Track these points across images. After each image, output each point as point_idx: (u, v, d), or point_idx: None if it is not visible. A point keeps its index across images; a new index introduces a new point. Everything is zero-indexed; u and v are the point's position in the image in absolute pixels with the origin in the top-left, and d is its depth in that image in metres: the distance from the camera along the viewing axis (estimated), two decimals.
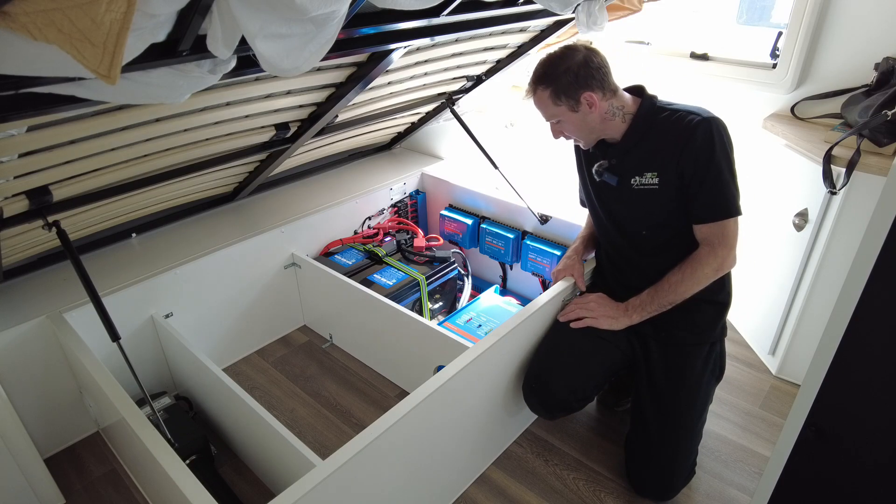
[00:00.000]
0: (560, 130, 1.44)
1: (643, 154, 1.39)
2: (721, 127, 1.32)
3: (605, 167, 1.46)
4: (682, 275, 1.39)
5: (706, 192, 1.33)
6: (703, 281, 1.39)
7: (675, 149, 1.33)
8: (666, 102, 1.41)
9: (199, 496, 1.06)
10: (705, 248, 1.38)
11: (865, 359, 0.77)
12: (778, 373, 1.93)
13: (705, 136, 1.30)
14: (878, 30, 1.71)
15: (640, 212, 1.44)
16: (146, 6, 0.69)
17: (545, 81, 1.36)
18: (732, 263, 1.40)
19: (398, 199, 2.52)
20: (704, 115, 1.32)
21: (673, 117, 1.36)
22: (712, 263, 1.38)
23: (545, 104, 1.39)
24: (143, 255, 1.86)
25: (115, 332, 1.31)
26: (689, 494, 1.52)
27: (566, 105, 1.36)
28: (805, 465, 0.87)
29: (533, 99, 1.41)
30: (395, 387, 1.94)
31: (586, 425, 1.76)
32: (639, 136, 1.39)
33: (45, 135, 1.15)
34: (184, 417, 1.63)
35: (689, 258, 1.40)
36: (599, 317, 1.51)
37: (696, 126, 1.31)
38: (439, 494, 1.49)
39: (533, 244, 2.14)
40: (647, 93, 1.43)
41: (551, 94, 1.36)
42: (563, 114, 1.38)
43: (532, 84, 1.40)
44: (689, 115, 1.34)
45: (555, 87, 1.35)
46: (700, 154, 1.31)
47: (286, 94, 1.57)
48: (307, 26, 0.88)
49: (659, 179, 1.38)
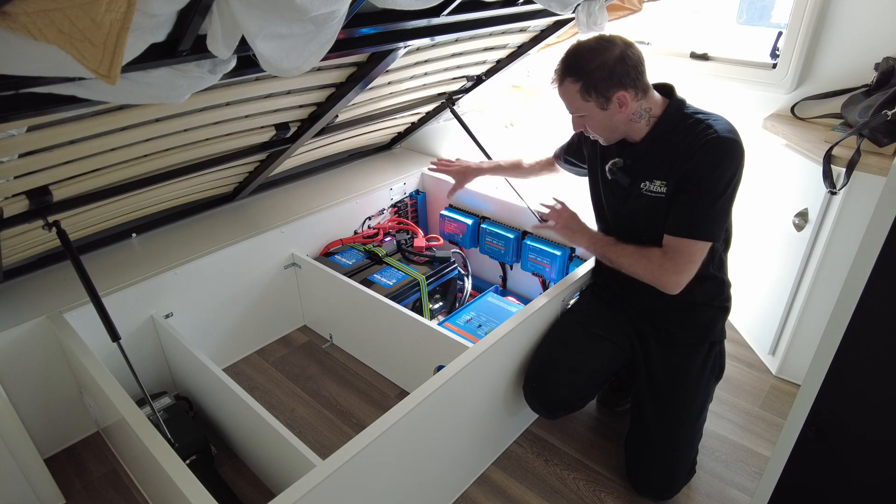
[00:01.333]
0: (583, 125, 1.35)
1: (657, 160, 1.34)
2: (735, 150, 1.24)
3: (619, 166, 1.40)
4: (632, 253, 1.38)
5: (683, 204, 1.29)
6: (638, 273, 1.36)
7: (683, 160, 1.28)
8: (693, 109, 1.33)
9: (199, 496, 1.06)
10: (659, 251, 1.34)
11: (865, 358, 0.77)
12: (778, 373, 1.93)
13: (713, 154, 1.24)
14: (878, 30, 1.71)
15: (644, 217, 1.39)
16: (146, 6, 0.69)
17: (576, 73, 1.26)
18: (671, 286, 1.31)
19: (398, 199, 2.52)
20: (722, 134, 1.24)
21: (694, 128, 1.28)
22: (653, 268, 1.33)
23: (572, 98, 1.30)
24: (143, 255, 1.86)
25: (115, 332, 1.31)
26: (689, 494, 1.52)
27: (595, 102, 1.27)
28: (805, 465, 0.87)
29: (558, 89, 1.32)
30: (395, 387, 1.94)
31: (586, 425, 1.76)
32: (658, 141, 1.33)
33: (45, 135, 1.15)
34: (184, 417, 1.63)
35: (647, 248, 1.36)
36: (560, 228, 1.56)
37: (709, 142, 1.24)
38: (439, 494, 1.49)
39: (533, 244, 2.14)
40: (675, 95, 1.35)
41: (581, 89, 1.27)
42: (591, 110, 1.29)
43: (560, 73, 1.29)
44: (708, 129, 1.26)
45: (586, 82, 1.25)
46: (698, 168, 1.25)
47: (286, 94, 1.57)
48: (307, 26, 0.88)
49: (667, 189, 1.32)
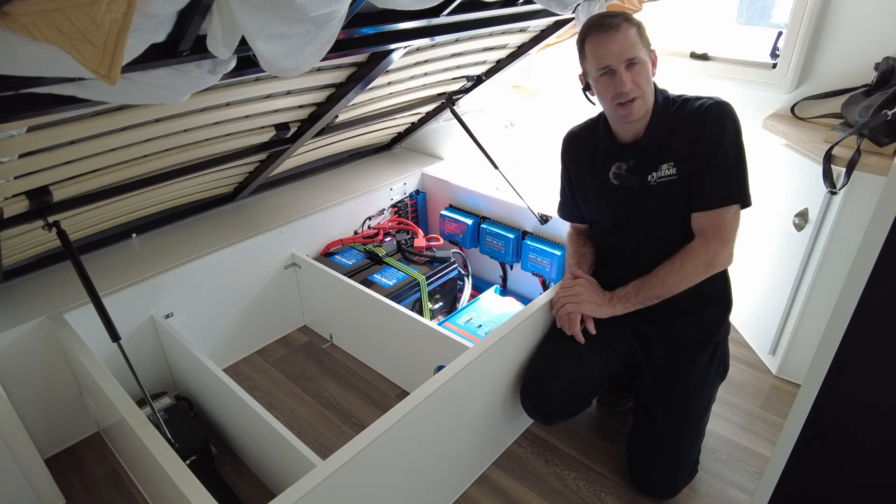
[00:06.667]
0: (632, 79, 1.28)
1: (659, 148, 1.37)
2: (731, 111, 1.30)
3: (624, 169, 1.41)
4: (672, 267, 1.34)
5: (709, 177, 1.29)
6: (692, 275, 1.33)
7: (691, 135, 1.31)
8: (675, 95, 1.40)
9: (200, 496, 1.06)
10: (698, 240, 1.33)
11: (865, 358, 0.77)
12: (778, 373, 1.93)
13: (716, 119, 1.29)
14: (878, 30, 1.71)
15: (657, 206, 1.38)
16: (146, 6, 0.69)
17: (630, 19, 1.28)
18: (727, 261, 1.33)
19: (398, 200, 2.52)
20: (715, 100, 1.31)
21: (685, 107, 1.34)
22: (703, 257, 1.31)
23: (632, 41, 1.26)
24: (143, 255, 1.86)
25: (116, 332, 1.31)
26: (689, 494, 1.52)
27: (647, 50, 1.30)
28: (805, 465, 0.87)
29: (615, 34, 1.25)
30: (395, 387, 1.94)
31: (586, 425, 1.76)
32: (657, 131, 1.36)
33: (45, 135, 1.15)
34: (184, 418, 1.63)
35: (681, 250, 1.34)
36: (584, 302, 1.45)
37: (708, 109, 1.30)
38: (439, 494, 1.49)
39: (533, 244, 2.14)
40: (657, 87, 1.39)
41: (637, 32, 1.28)
42: (646, 57, 1.30)
43: (615, 17, 1.27)
44: (698, 100, 1.33)
45: (638, 28, 1.29)
46: (710, 136, 1.29)
47: (286, 95, 1.57)
48: (307, 26, 0.88)
49: (677, 169, 1.34)
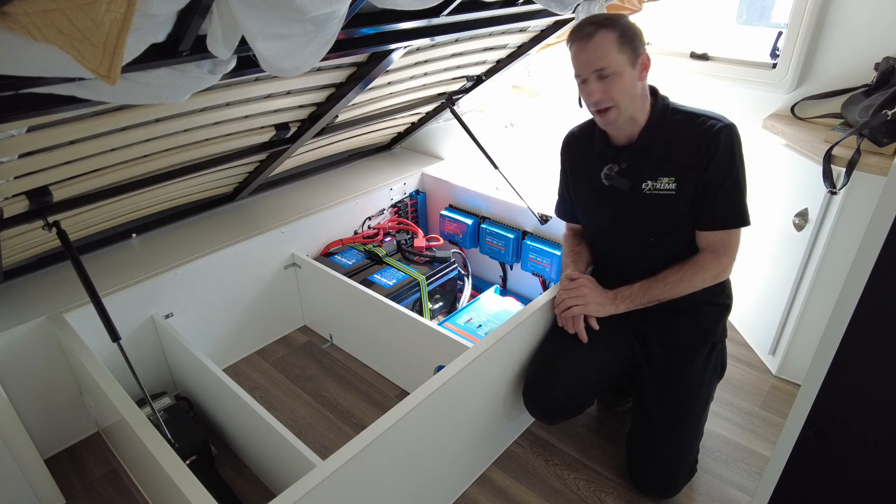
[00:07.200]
0: (604, 89, 1.26)
1: (657, 158, 1.36)
2: (738, 134, 1.31)
3: (615, 171, 1.42)
4: (682, 275, 1.39)
5: (721, 200, 1.32)
6: (699, 285, 1.39)
7: (700, 156, 1.31)
8: (678, 105, 1.38)
9: (200, 496, 1.06)
10: (709, 255, 1.37)
11: (865, 358, 0.77)
12: (778, 373, 1.93)
13: (727, 143, 1.29)
14: (878, 30, 1.71)
15: (651, 218, 1.40)
16: (146, 6, 0.69)
17: (611, 25, 1.24)
18: (730, 272, 1.41)
19: (398, 200, 2.52)
20: (725, 122, 1.31)
21: (692, 122, 1.33)
22: (713, 270, 1.37)
23: (607, 48, 1.23)
24: (143, 255, 1.86)
25: (116, 332, 1.31)
26: (689, 494, 1.52)
27: (627, 56, 1.25)
28: (805, 465, 0.87)
29: (587, 44, 1.24)
30: (395, 387, 1.94)
31: (586, 425, 1.76)
32: (653, 138, 1.36)
33: (45, 135, 1.15)
34: (184, 418, 1.63)
35: (692, 261, 1.39)
36: (589, 303, 1.45)
37: (720, 132, 1.29)
38: (439, 494, 1.49)
39: (533, 244, 2.14)
40: (659, 93, 1.39)
41: (617, 39, 1.23)
42: (622, 66, 1.25)
43: (590, 25, 1.24)
44: (709, 121, 1.31)
45: (622, 33, 1.24)
46: (722, 159, 1.30)
47: (286, 95, 1.57)
48: (307, 26, 0.88)
49: (677, 186, 1.35)
